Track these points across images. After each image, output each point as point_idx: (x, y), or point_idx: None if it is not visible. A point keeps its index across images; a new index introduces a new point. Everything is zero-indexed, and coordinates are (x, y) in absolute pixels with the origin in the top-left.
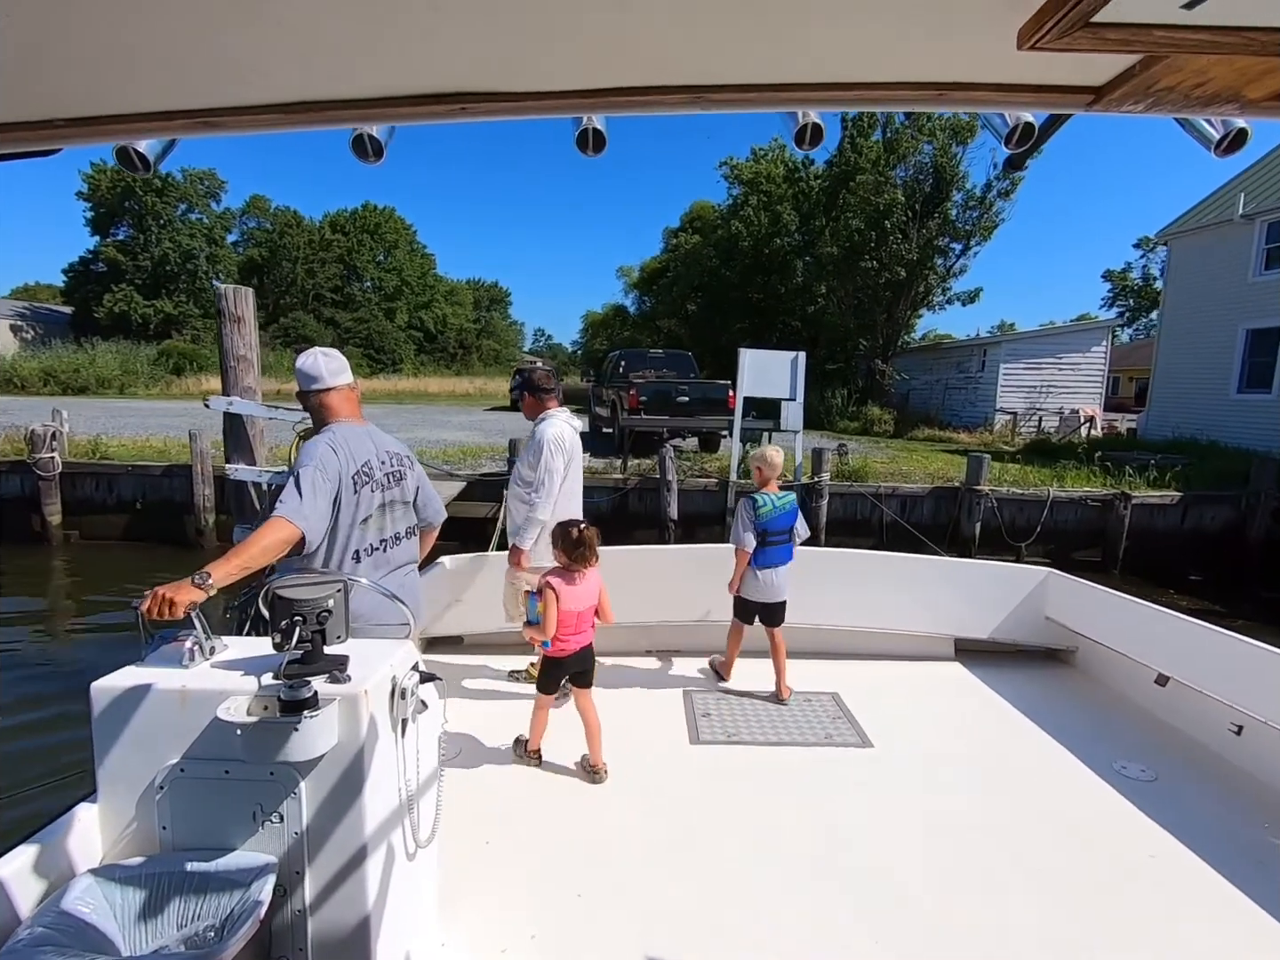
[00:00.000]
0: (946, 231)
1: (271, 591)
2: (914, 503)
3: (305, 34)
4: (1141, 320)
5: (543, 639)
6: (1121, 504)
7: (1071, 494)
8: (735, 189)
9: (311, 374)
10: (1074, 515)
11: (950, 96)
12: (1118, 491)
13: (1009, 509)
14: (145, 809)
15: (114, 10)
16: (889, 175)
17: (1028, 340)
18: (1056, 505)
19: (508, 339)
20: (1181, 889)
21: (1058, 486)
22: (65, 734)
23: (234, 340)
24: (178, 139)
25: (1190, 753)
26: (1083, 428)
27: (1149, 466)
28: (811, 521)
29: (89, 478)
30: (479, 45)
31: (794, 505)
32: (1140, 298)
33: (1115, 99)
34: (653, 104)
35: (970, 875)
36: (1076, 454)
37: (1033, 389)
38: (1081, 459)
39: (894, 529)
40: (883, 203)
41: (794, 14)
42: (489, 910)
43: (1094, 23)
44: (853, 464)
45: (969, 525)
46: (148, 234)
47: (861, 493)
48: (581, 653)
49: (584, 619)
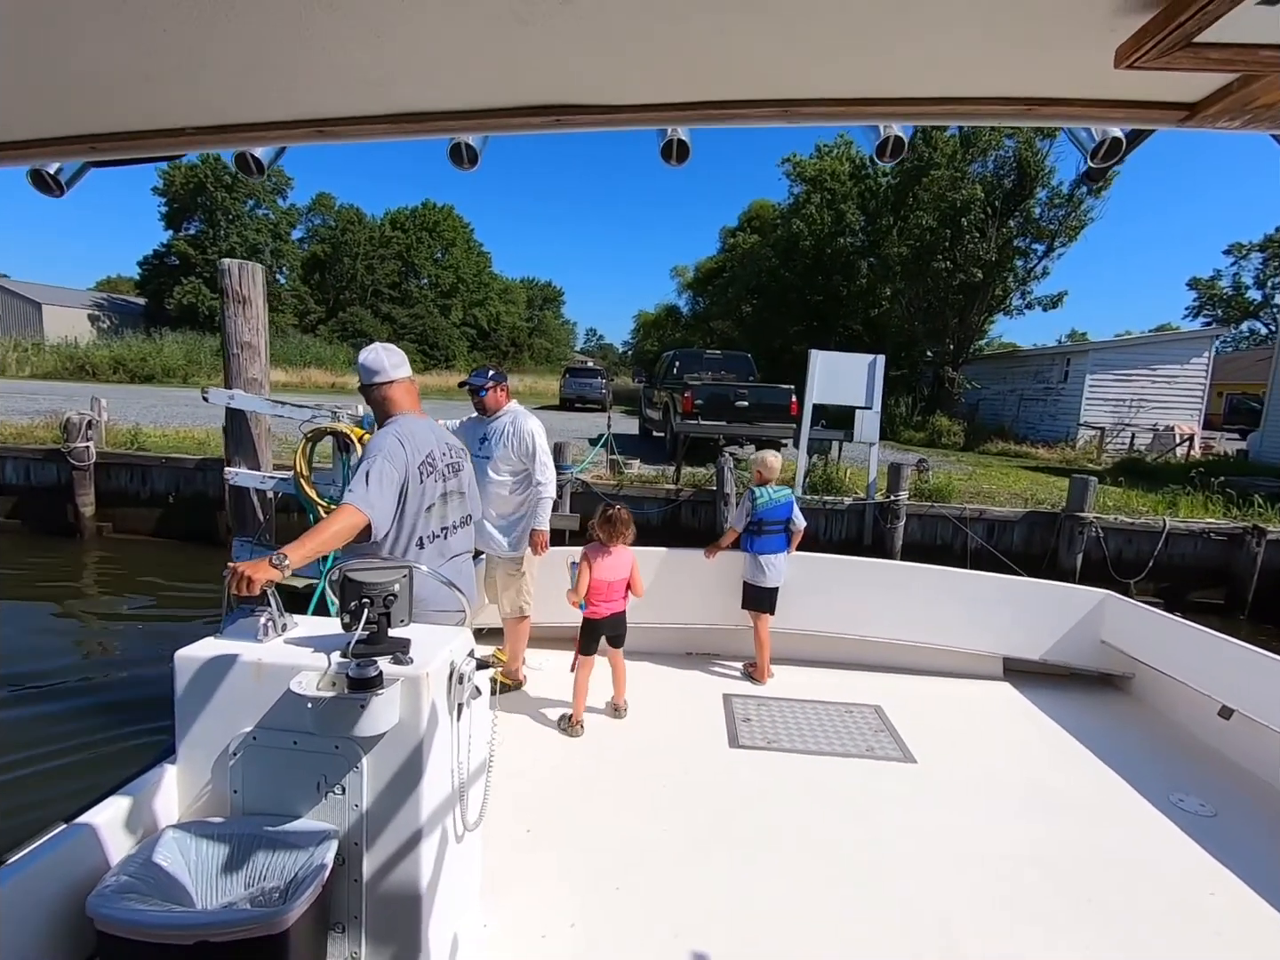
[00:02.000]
0: (1029, 231)
1: (343, 573)
2: (1003, 528)
3: (414, 49)
4: (1230, 331)
5: (575, 600)
6: (1254, 539)
7: (1190, 525)
8: (797, 187)
9: (374, 368)
10: (1192, 550)
11: (1039, 112)
12: (1249, 525)
13: (1116, 540)
14: (219, 772)
15: (242, 27)
16: (966, 170)
17: (1118, 349)
18: (1172, 538)
19: (559, 338)
20: (1241, 929)
21: (1171, 516)
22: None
23: (238, 324)
24: (288, 145)
25: (1254, 788)
26: (1179, 447)
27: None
28: (887, 545)
29: (123, 469)
30: (575, 60)
31: (789, 499)
32: (1230, 308)
33: (1210, 115)
34: (741, 117)
35: (1012, 904)
36: (1184, 477)
37: (1121, 403)
38: (1194, 483)
39: (979, 557)
40: (959, 199)
41: (882, 29)
42: (530, 896)
43: (1196, 43)
44: (934, 482)
45: (1069, 557)
46: (217, 229)
47: (944, 514)
48: (613, 618)
49: (615, 589)
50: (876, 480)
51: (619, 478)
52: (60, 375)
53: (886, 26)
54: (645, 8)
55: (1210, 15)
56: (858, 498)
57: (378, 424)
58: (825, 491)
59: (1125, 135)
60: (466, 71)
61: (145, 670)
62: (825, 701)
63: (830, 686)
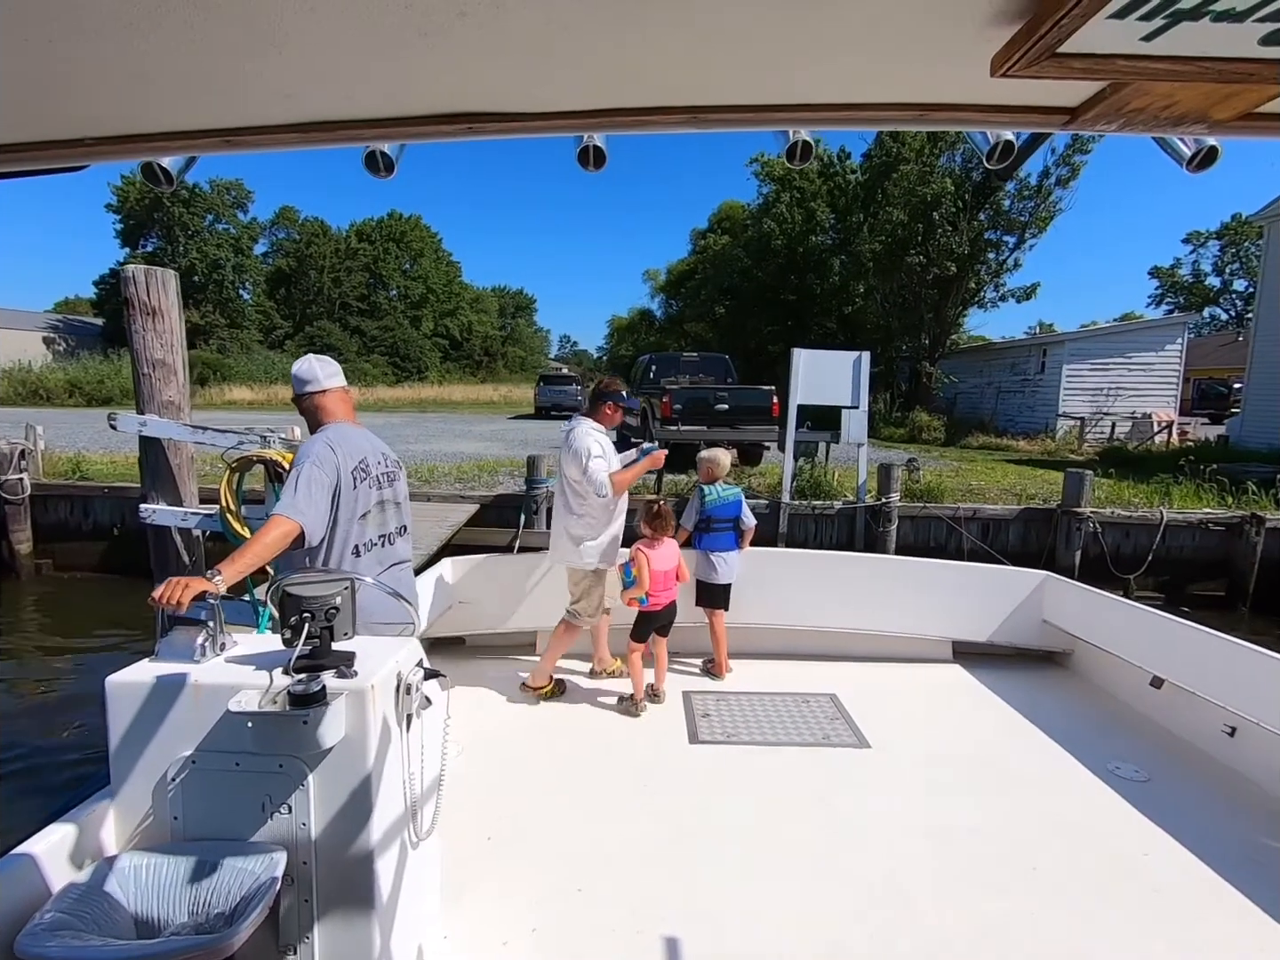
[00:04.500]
0: (999, 223)
1: (281, 588)
2: (998, 527)
3: (315, 59)
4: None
5: (640, 595)
6: (1253, 528)
7: (1188, 516)
8: (766, 187)
9: (306, 377)
10: (1190, 541)
11: (931, 117)
12: (1247, 513)
13: (1113, 534)
14: (158, 800)
15: (139, 35)
16: (935, 164)
17: (1094, 339)
18: (1170, 530)
19: (533, 346)
20: (1175, 887)
21: (1166, 507)
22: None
23: (147, 340)
24: (196, 155)
25: (1184, 753)
26: (1159, 434)
27: (1276, 482)
28: (880, 550)
29: (63, 501)
30: (485, 69)
31: (738, 497)
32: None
33: (1089, 119)
34: (651, 124)
35: (966, 874)
36: (1172, 465)
37: (1099, 392)
38: (1183, 471)
39: (975, 558)
40: (929, 193)
41: (784, 41)
42: (490, 904)
43: (1060, 53)
44: (924, 481)
45: (1067, 554)
46: (175, 245)
47: (938, 515)
48: (669, 607)
49: (670, 578)
50: (866, 482)
51: None
52: (12, 401)
53: (788, 37)
54: (545, 20)
55: (1066, 29)
56: (848, 501)
57: (310, 434)
58: (813, 496)
59: (1019, 140)
60: (372, 81)
61: (85, 705)
62: (782, 693)
63: (787, 678)
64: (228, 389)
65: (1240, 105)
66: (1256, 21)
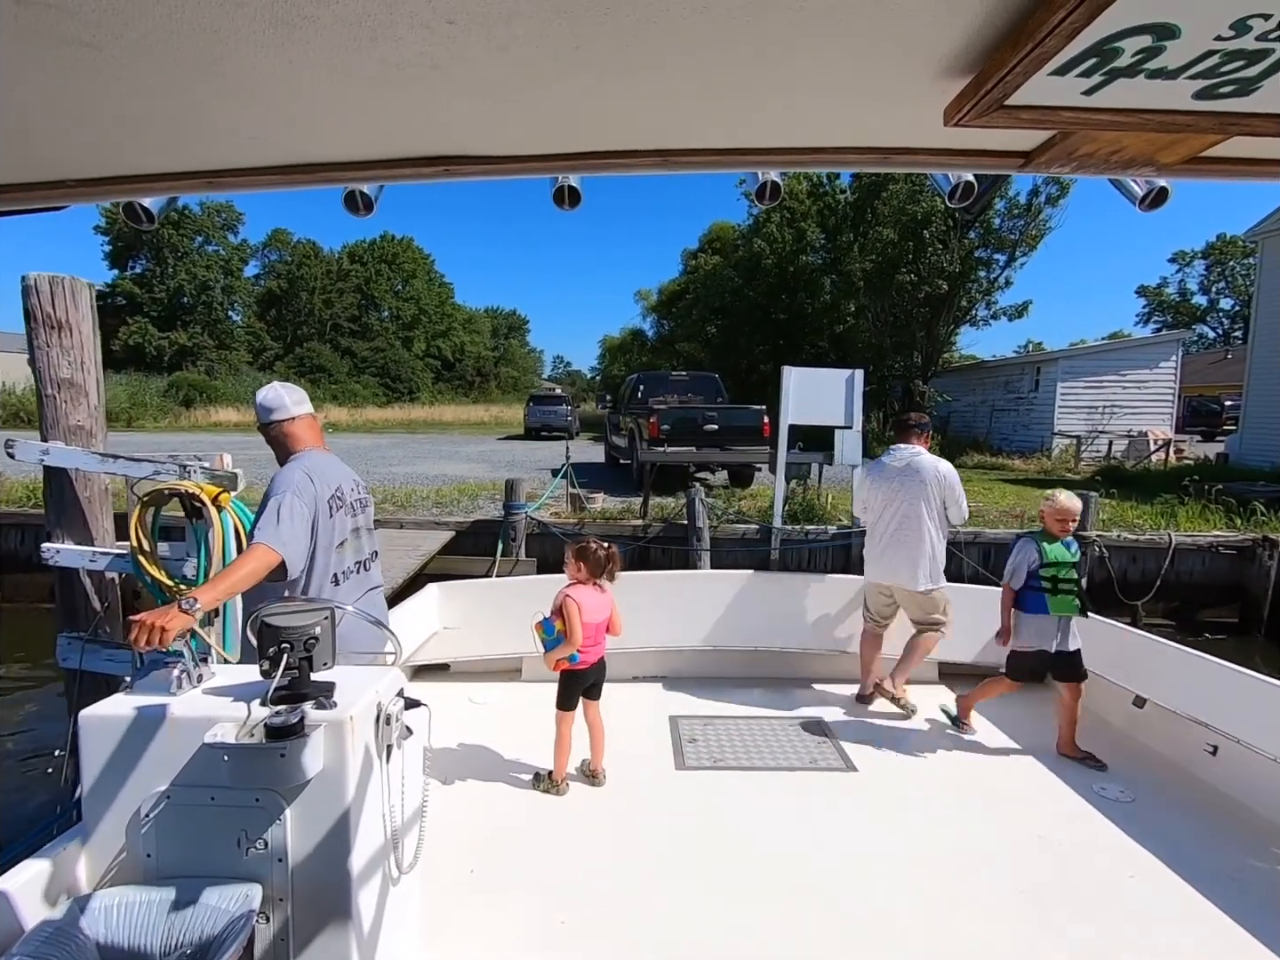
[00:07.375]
0: (989, 241)
1: (259, 619)
2: (1000, 551)
3: (293, 106)
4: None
5: (570, 653)
6: (1265, 551)
7: (1196, 539)
8: (756, 207)
9: (272, 405)
10: (1200, 565)
11: (893, 160)
12: (1258, 536)
13: (1120, 558)
14: (131, 836)
15: (122, 82)
16: (924, 183)
17: (1088, 356)
18: (1179, 553)
19: (526, 366)
20: (1161, 907)
21: (1173, 529)
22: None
23: (52, 356)
24: (178, 195)
25: (1168, 773)
26: (1156, 453)
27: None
28: None
29: (13, 530)
30: (459, 116)
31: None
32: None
33: (1043, 163)
34: (623, 166)
35: (954, 897)
36: (1175, 485)
37: (1094, 410)
38: (1187, 491)
39: (977, 584)
40: (919, 211)
41: (751, 88)
42: (473, 936)
43: (1008, 105)
44: None
45: None
46: (164, 266)
47: None
48: (598, 664)
49: (600, 631)
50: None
51: (580, 514)
52: None
53: (753, 86)
54: (512, 72)
55: (1011, 84)
56: (843, 526)
57: (279, 463)
58: (806, 520)
59: (978, 182)
60: (350, 126)
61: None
62: (770, 717)
63: (773, 702)
64: (214, 410)
65: (1184, 151)
66: (1188, 79)
